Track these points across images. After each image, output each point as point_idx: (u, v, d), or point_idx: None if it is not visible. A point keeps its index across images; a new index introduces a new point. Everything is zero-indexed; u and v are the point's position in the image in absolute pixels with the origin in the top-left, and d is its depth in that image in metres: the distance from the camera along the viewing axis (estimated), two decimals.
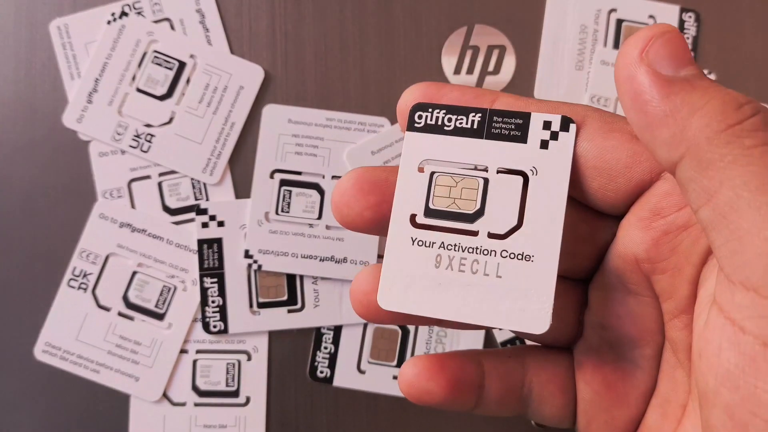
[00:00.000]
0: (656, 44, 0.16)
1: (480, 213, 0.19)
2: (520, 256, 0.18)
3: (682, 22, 0.36)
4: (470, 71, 0.35)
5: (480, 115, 0.19)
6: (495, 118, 0.19)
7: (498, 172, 0.19)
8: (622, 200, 0.19)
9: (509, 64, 0.36)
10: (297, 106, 0.35)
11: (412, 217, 0.19)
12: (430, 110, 0.19)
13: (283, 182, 0.35)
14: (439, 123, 0.19)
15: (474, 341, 0.35)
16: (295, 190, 0.35)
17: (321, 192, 0.35)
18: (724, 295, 0.15)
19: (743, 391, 0.15)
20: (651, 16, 0.35)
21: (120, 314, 0.35)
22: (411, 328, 0.35)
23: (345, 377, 0.35)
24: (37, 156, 0.35)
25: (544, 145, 0.19)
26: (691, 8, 0.36)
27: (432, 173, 0.19)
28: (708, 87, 0.16)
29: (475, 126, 0.19)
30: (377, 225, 0.20)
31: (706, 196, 0.15)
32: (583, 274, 0.21)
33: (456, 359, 0.20)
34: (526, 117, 0.19)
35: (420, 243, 0.19)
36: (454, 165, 0.19)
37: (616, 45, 0.35)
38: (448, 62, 0.35)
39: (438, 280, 0.18)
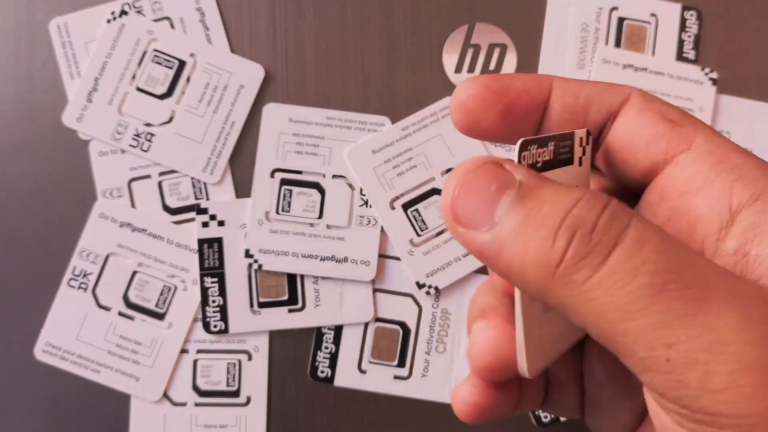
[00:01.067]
0: (460, 200, 0.16)
1: None
2: None
3: (683, 20, 0.35)
4: (471, 70, 0.35)
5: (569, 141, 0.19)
6: (561, 144, 0.19)
7: None
8: (639, 176, 0.19)
9: (510, 62, 0.35)
10: (297, 105, 0.35)
11: None
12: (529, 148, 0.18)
13: (284, 181, 0.35)
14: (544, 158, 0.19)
15: None
16: (295, 189, 0.35)
17: (321, 191, 0.35)
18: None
19: None
20: (653, 14, 0.35)
21: (120, 314, 0.35)
22: (412, 326, 0.35)
23: (346, 377, 0.35)
24: (36, 155, 0.35)
25: (579, 162, 0.19)
26: (692, 6, 0.36)
27: None
28: (517, 232, 0.16)
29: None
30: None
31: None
32: None
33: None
34: (571, 138, 0.19)
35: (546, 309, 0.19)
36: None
37: (618, 43, 0.35)
38: (449, 60, 0.35)
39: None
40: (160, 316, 0.35)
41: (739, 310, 0.14)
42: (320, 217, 0.35)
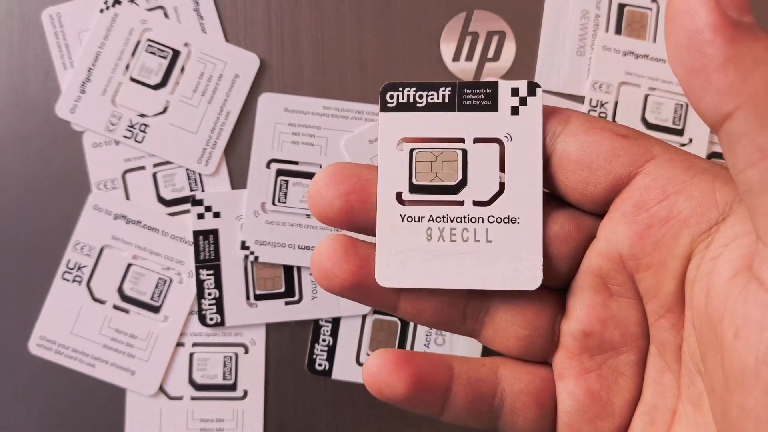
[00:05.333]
0: None
1: (463, 183, 0.20)
2: (506, 220, 0.19)
3: None
4: (469, 58, 0.35)
5: (450, 89, 0.20)
6: (465, 90, 0.20)
7: (474, 141, 0.19)
8: (602, 194, 0.19)
9: (509, 50, 0.35)
10: (293, 94, 0.35)
11: (398, 195, 0.19)
12: (400, 89, 0.20)
13: (280, 172, 0.34)
14: (411, 101, 0.20)
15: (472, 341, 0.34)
16: (291, 180, 0.34)
17: None
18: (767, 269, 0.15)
19: None
20: (654, 0, 0.35)
21: (115, 307, 0.34)
22: None
23: (344, 370, 0.34)
24: (30, 147, 0.35)
25: (514, 111, 0.19)
26: None
27: (411, 150, 0.20)
28: None
29: (446, 100, 0.20)
30: (345, 215, 0.20)
31: (760, 155, 0.14)
32: (558, 281, 0.21)
33: (424, 357, 0.20)
34: (494, 86, 0.19)
35: (409, 219, 0.19)
36: (431, 140, 0.20)
37: (618, 30, 0.35)
38: (446, 49, 0.35)
39: (432, 252, 0.19)
40: (156, 309, 0.34)
41: None
42: None
